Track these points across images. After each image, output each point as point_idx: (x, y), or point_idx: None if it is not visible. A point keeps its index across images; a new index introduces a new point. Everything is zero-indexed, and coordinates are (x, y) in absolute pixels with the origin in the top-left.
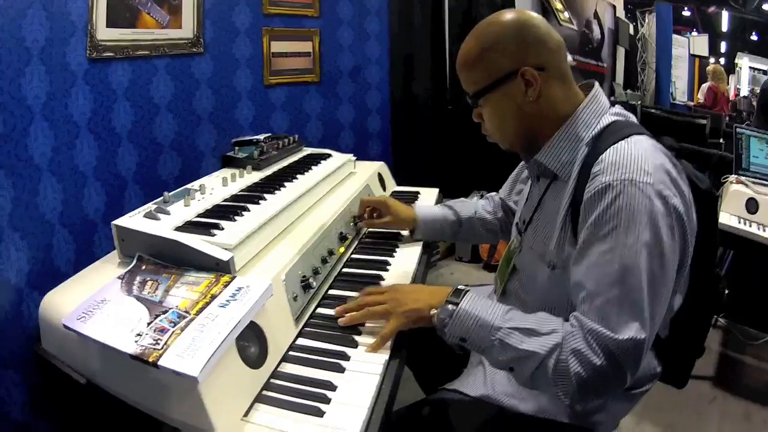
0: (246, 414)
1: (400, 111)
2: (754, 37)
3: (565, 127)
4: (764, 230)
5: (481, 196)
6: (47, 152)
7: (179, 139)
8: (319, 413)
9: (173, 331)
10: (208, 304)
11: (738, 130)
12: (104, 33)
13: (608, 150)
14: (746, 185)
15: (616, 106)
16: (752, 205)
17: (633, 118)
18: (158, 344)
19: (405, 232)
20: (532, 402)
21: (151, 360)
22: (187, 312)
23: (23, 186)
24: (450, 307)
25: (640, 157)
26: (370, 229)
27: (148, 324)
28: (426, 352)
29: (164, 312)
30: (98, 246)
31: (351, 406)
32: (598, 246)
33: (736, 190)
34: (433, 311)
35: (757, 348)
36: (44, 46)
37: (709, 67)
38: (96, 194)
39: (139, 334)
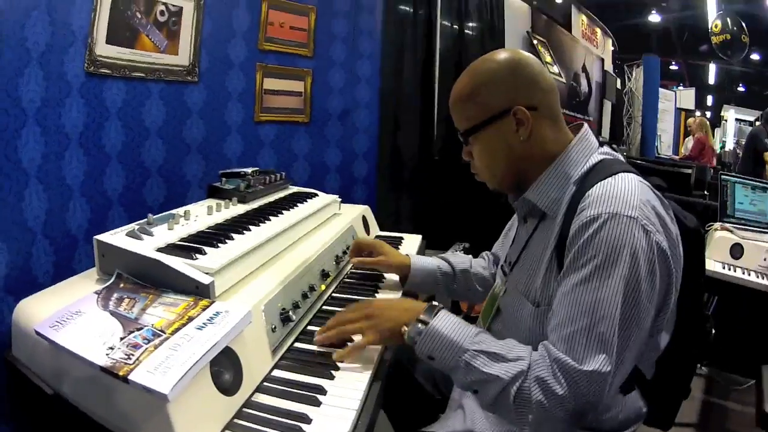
0: None
1: (387, 157)
2: (741, 89)
3: (554, 166)
4: (749, 274)
5: (464, 249)
6: (36, 158)
7: (167, 165)
8: None
9: (146, 348)
10: (184, 325)
11: (723, 177)
12: (103, 49)
13: (596, 185)
14: (731, 231)
15: (605, 146)
16: (737, 251)
17: (621, 158)
18: (130, 359)
19: (390, 276)
20: None
21: (121, 374)
22: (162, 331)
23: (9, 188)
24: (419, 326)
25: (627, 192)
26: (353, 270)
27: (122, 339)
28: (402, 395)
29: (139, 329)
30: (78, 262)
31: None
32: (575, 275)
33: (720, 237)
34: (405, 329)
35: (741, 393)
36: (44, 51)
37: (693, 120)
38: (81, 210)
39: (111, 348)
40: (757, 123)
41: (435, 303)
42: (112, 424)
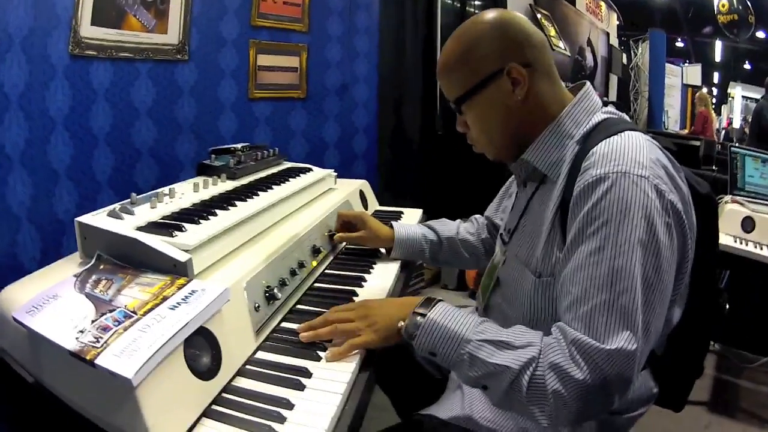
0: (190, 429)
1: (388, 132)
2: (747, 66)
3: (554, 125)
4: (761, 248)
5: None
6: (20, 143)
7: (158, 146)
8: None
9: (116, 330)
10: (158, 305)
11: (732, 149)
12: (88, 30)
13: (601, 143)
14: (742, 204)
15: (609, 105)
16: (748, 224)
17: (626, 118)
18: (98, 342)
19: (384, 250)
20: (513, 427)
21: (88, 358)
22: (134, 312)
23: None
24: (418, 318)
25: (635, 150)
26: (348, 246)
27: (93, 321)
28: (403, 376)
29: (111, 311)
30: (66, 248)
31: (308, 427)
32: (586, 245)
33: (731, 210)
34: (401, 324)
35: (753, 371)
36: (27, 35)
37: (697, 94)
38: (68, 194)
39: (81, 331)
40: (760, 99)
41: (432, 296)
42: (88, 412)
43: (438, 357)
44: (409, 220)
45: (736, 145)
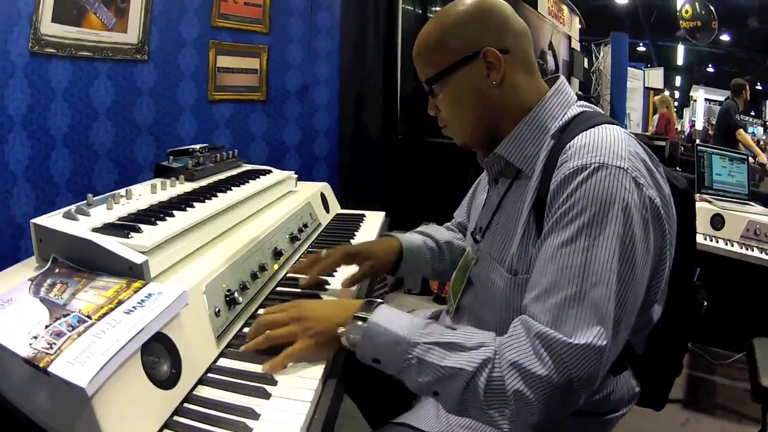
0: None
1: (349, 135)
2: (710, 69)
3: (529, 117)
4: (731, 245)
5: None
6: None
7: (117, 148)
8: None
9: (70, 336)
10: (113, 309)
11: (699, 148)
12: (49, 27)
13: (577, 136)
14: (710, 202)
15: (583, 100)
16: (717, 222)
17: (601, 111)
18: (51, 348)
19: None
20: None
21: (41, 365)
22: (88, 317)
23: None
24: (359, 323)
25: (614, 142)
26: (311, 246)
27: (46, 327)
28: (372, 382)
29: (65, 315)
30: (24, 252)
31: None
32: (560, 235)
33: (700, 207)
34: (341, 330)
35: (727, 367)
36: None
37: (657, 97)
38: (25, 197)
39: (35, 337)
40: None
41: (372, 299)
42: (46, 424)
43: (383, 364)
44: (372, 224)
45: (703, 144)
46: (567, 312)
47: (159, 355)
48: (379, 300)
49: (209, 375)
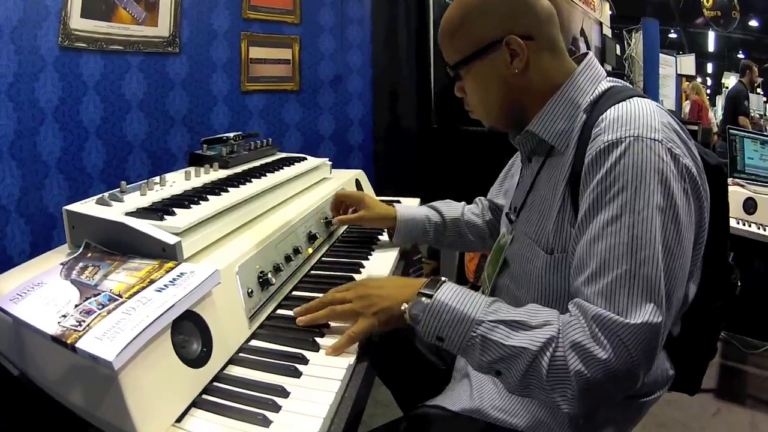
0: (179, 420)
1: (383, 124)
2: (741, 56)
3: (559, 94)
4: (764, 230)
5: None
6: (9, 134)
7: (150, 139)
8: (265, 423)
9: (99, 314)
10: (144, 288)
11: (731, 131)
12: (78, 23)
13: (610, 109)
14: (742, 186)
15: (613, 77)
16: (750, 206)
17: (631, 86)
18: (80, 326)
19: (383, 237)
20: (525, 416)
21: (69, 341)
22: (119, 295)
23: None
24: (424, 299)
25: (646, 114)
26: (345, 232)
27: (76, 306)
28: (405, 368)
29: (96, 295)
30: (56, 242)
31: (305, 415)
32: (602, 214)
33: (732, 191)
34: (405, 306)
35: (758, 357)
36: (16, 26)
37: (687, 84)
38: (58, 187)
39: (64, 316)
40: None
41: (437, 277)
42: (72, 404)
43: (446, 342)
44: None
45: (734, 127)
46: (620, 292)
47: (189, 334)
48: (444, 278)
49: (241, 355)
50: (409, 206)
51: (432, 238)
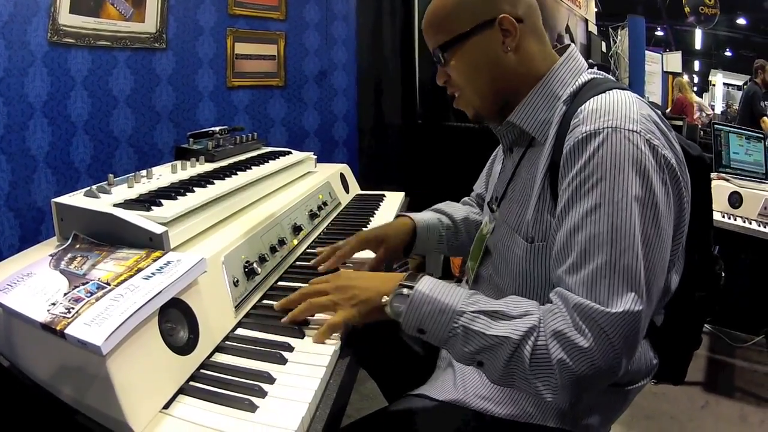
0: (167, 406)
1: (368, 120)
2: (728, 53)
3: (540, 85)
4: (749, 223)
5: None
6: None
7: (137, 134)
8: (252, 408)
9: (88, 301)
10: (131, 276)
11: (716, 126)
12: (67, 18)
13: (589, 101)
14: (727, 180)
15: (594, 67)
16: (735, 200)
17: (612, 78)
18: (69, 313)
19: (366, 229)
20: (510, 405)
21: (58, 328)
22: (107, 284)
23: None
24: (405, 291)
25: (625, 106)
26: (330, 224)
27: (65, 294)
28: (390, 358)
29: (84, 283)
30: (45, 235)
31: (290, 401)
32: (581, 204)
33: (718, 185)
34: (385, 299)
35: (746, 350)
36: (6, 21)
37: (675, 79)
38: (46, 181)
39: (53, 303)
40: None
41: (416, 272)
42: (62, 393)
43: (428, 334)
44: (391, 204)
45: (720, 122)
46: (600, 282)
47: (176, 322)
48: (424, 273)
49: (227, 343)
50: (419, 215)
51: (445, 244)
